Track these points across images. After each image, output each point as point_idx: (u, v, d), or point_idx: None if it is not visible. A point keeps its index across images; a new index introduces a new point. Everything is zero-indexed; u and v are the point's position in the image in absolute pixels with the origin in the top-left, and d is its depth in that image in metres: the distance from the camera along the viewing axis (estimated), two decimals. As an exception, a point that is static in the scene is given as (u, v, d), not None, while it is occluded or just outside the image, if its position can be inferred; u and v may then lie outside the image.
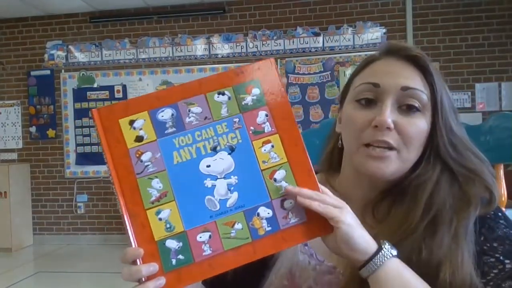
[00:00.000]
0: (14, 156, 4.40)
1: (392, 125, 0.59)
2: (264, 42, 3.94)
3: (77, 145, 4.25)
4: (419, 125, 0.60)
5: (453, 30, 3.70)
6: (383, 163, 0.60)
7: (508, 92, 3.67)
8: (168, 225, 0.52)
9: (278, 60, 3.92)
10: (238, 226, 0.52)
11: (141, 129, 0.54)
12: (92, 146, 4.23)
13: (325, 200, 0.53)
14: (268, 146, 0.54)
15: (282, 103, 0.55)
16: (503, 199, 1.01)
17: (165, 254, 0.51)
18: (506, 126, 0.91)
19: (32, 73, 4.30)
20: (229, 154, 0.54)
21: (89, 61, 4.23)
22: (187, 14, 4.05)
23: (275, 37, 3.94)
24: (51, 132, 4.31)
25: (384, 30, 3.78)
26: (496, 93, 3.68)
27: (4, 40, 4.37)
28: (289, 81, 3.91)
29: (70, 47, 4.26)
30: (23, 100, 4.34)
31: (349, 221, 0.52)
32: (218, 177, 0.53)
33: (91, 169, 4.23)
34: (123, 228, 0.56)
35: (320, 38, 3.88)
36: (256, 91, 0.55)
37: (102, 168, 4.20)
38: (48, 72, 4.28)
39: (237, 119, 0.54)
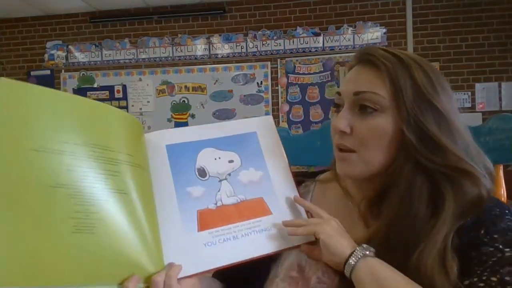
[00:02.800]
0: (14, 156, 4.40)
1: (346, 129, 0.63)
2: (264, 42, 3.95)
3: (77, 145, 4.24)
4: (375, 124, 0.62)
5: (453, 30, 3.70)
6: (347, 165, 0.65)
7: (508, 92, 3.67)
8: None
9: (278, 60, 3.93)
10: None
11: None
12: (92, 146, 4.23)
13: (308, 222, 0.64)
14: None
15: None
16: (502, 199, 1.02)
17: None
18: (506, 128, 0.92)
19: (32, 73, 4.30)
20: None
21: (89, 61, 4.23)
22: (187, 14, 4.05)
23: (275, 37, 3.94)
24: (51, 132, 4.31)
25: (384, 30, 3.79)
26: (496, 93, 3.68)
27: (4, 40, 4.37)
28: (289, 81, 3.91)
29: (70, 47, 4.26)
30: (23, 100, 4.34)
31: (327, 231, 0.60)
32: None
33: (91, 169, 4.23)
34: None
35: (320, 38, 3.88)
36: None
37: (102, 168, 4.20)
38: (48, 72, 4.28)
39: None
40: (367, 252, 0.57)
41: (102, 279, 0.53)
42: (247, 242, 0.64)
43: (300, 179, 0.81)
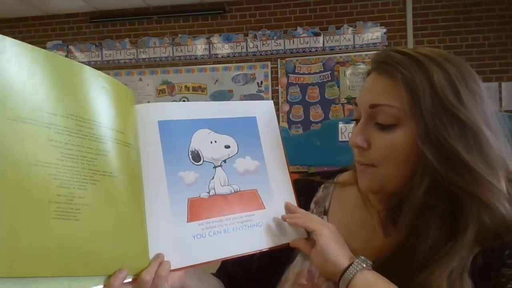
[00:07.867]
0: (14, 156, 4.40)
1: (362, 144, 0.60)
2: (264, 42, 3.94)
3: (77, 145, 4.24)
4: (393, 139, 0.57)
5: (453, 30, 3.70)
6: (366, 179, 0.62)
7: (508, 92, 3.67)
8: None
9: (278, 60, 3.93)
10: None
11: None
12: (92, 146, 4.23)
13: (307, 217, 0.62)
14: None
15: None
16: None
17: None
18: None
19: (32, 73, 4.30)
20: None
21: (89, 61, 4.23)
22: (187, 14, 4.05)
23: (275, 37, 3.94)
24: (51, 132, 4.30)
25: (384, 30, 3.78)
26: (496, 93, 3.68)
27: (4, 40, 4.36)
28: (289, 81, 3.91)
29: (70, 47, 4.26)
30: (23, 100, 4.34)
31: (327, 235, 0.57)
32: None
33: (91, 169, 4.23)
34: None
35: (320, 38, 3.87)
36: None
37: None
38: (48, 72, 4.28)
39: None
40: (365, 265, 0.54)
41: (84, 270, 0.47)
42: (238, 237, 0.61)
43: (319, 179, 0.77)
